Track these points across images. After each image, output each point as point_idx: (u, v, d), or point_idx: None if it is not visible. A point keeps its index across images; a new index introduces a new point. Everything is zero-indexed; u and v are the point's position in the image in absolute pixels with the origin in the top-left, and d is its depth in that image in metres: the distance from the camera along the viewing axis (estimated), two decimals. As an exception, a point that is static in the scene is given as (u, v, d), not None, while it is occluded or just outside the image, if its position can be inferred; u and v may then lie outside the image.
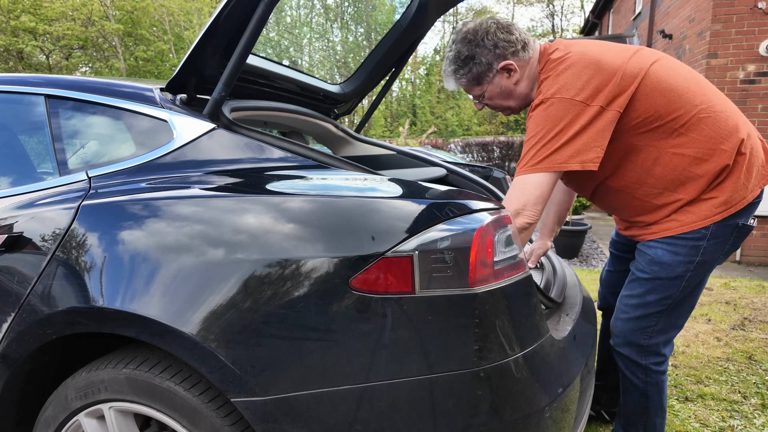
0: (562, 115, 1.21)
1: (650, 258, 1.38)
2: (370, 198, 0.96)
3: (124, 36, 19.21)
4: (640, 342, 1.43)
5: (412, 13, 1.80)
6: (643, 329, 1.42)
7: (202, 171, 1.14)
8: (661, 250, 1.36)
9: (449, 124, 28.26)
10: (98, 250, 1.04)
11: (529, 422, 0.95)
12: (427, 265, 0.90)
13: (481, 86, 1.40)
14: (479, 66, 1.35)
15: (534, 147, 1.23)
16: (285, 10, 6.98)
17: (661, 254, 1.36)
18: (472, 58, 1.35)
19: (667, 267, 1.35)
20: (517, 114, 1.51)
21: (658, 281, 1.37)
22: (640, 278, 1.41)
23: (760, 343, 2.80)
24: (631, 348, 1.45)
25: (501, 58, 1.34)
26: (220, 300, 0.93)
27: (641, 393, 1.48)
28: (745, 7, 4.84)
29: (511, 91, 1.39)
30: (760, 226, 4.82)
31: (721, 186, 1.30)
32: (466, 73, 1.38)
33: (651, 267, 1.38)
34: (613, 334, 1.49)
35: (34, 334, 1.08)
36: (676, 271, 1.35)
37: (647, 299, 1.40)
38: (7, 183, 1.30)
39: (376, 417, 0.91)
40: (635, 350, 1.45)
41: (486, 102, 1.45)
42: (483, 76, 1.37)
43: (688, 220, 1.32)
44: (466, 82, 1.40)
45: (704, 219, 1.31)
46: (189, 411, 0.99)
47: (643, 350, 1.44)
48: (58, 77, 1.35)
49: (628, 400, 1.53)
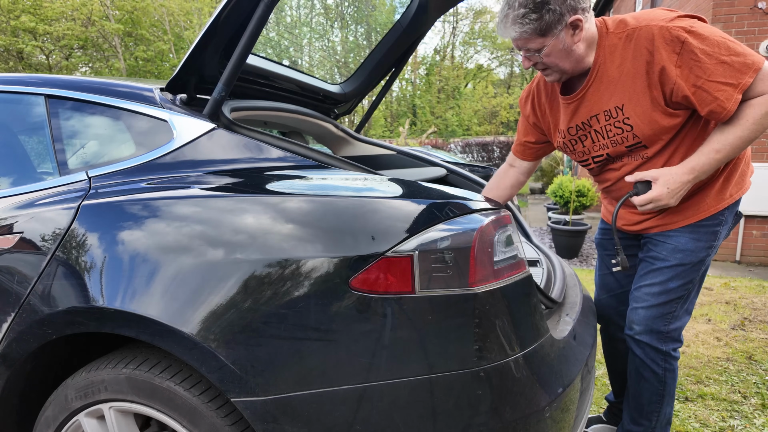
0: (722, 34, 1.19)
1: (673, 246, 1.41)
2: (370, 198, 0.96)
3: (124, 36, 19.21)
4: (660, 329, 1.46)
5: (412, 13, 1.80)
6: (664, 315, 1.45)
7: (202, 171, 1.14)
8: (684, 238, 1.40)
9: (449, 124, 28.26)
10: (98, 250, 1.04)
11: (529, 422, 0.95)
12: (427, 265, 0.90)
13: (544, 38, 1.27)
14: (551, 14, 1.23)
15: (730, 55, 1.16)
16: (285, 10, 6.94)
17: (685, 242, 1.40)
18: (547, 3, 1.22)
19: (690, 254, 1.40)
20: (559, 81, 1.39)
21: (680, 267, 1.41)
22: (662, 267, 1.44)
23: (760, 343, 2.79)
24: (651, 335, 1.48)
25: (573, 11, 1.24)
26: (221, 300, 0.93)
27: (660, 380, 1.51)
28: (745, 7, 4.84)
29: (571, 50, 1.29)
30: (759, 226, 4.81)
31: (734, 168, 1.36)
32: (536, 20, 1.24)
33: (674, 255, 1.41)
34: (633, 323, 1.51)
35: (34, 334, 1.08)
36: (699, 257, 1.40)
37: (669, 286, 1.43)
38: (8, 183, 1.30)
39: (376, 417, 0.91)
40: (656, 337, 1.47)
41: (542, 59, 1.31)
42: (551, 27, 1.25)
43: (705, 206, 1.37)
44: (531, 31, 1.26)
45: (721, 202, 1.37)
46: (189, 411, 0.99)
47: (664, 336, 1.47)
48: (58, 77, 1.35)
49: (643, 391, 1.54)
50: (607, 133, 1.39)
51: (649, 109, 1.28)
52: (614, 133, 1.37)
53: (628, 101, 1.31)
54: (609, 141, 1.40)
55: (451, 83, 31.19)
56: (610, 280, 1.73)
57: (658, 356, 1.49)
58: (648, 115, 1.29)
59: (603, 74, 1.33)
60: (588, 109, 1.39)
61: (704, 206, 1.37)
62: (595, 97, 1.36)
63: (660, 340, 1.48)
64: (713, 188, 1.37)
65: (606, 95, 1.34)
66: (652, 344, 1.48)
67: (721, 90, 1.18)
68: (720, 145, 1.23)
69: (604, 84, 1.34)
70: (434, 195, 1.00)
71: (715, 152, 1.24)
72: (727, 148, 1.22)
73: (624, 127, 1.34)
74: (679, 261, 1.41)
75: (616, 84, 1.31)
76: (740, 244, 4.88)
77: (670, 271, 1.43)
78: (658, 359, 1.49)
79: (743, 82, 1.16)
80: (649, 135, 1.32)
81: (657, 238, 1.46)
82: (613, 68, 1.31)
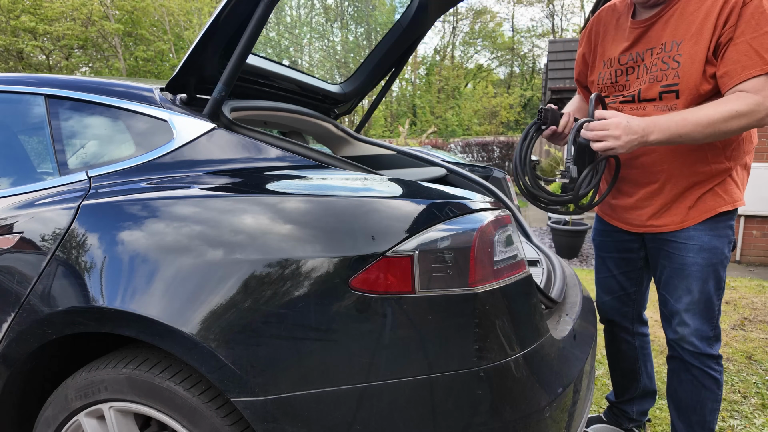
0: None
1: (698, 246, 1.38)
2: (370, 198, 0.96)
3: (124, 36, 19.20)
4: (709, 334, 1.43)
5: (412, 13, 1.80)
6: (710, 319, 1.42)
7: (202, 171, 1.14)
8: (707, 236, 1.37)
9: (449, 124, 28.25)
10: (98, 250, 1.04)
11: (529, 422, 0.95)
12: (427, 265, 0.90)
13: None
14: None
15: None
16: (285, 10, 6.95)
17: (708, 240, 1.37)
18: None
19: (716, 251, 1.37)
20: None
21: (711, 267, 1.38)
22: (694, 272, 1.39)
23: (760, 343, 2.80)
24: (703, 342, 1.44)
25: None
26: (221, 300, 0.93)
27: (719, 385, 1.47)
28: (745, 7, 4.84)
29: None
30: (759, 226, 4.82)
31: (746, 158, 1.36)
32: None
33: (701, 255, 1.38)
34: (685, 338, 1.45)
35: (34, 334, 1.08)
36: (724, 253, 1.38)
37: (707, 287, 1.39)
38: (7, 183, 1.30)
39: (376, 417, 0.91)
40: (707, 343, 1.44)
41: None
42: None
43: (721, 199, 1.35)
44: None
45: (735, 196, 1.36)
46: (189, 411, 0.99)
47: (713, 340, 1.45)
48: (58, 77, 1.35)
49: (706, 401, 1.49)
50: (651, 67, 1.34)
51: (703, 53, 1.23)
52: (658, 68, 1.32)
53: (689, 39, 1.26)
54: (648, 76, 1.35)
55: (451, 83, 31.18)
56: (611, 282, 1.70)
57: (712, 361, 1.45)
58: (700, 58, 1.24)
59: (685, 6, 1.28)
60: (655, 37, 1.34)
61: (720, 199, 1.35)
62: (664, 29, 1.32)
63: (711, 345, 1.44)
64: (712, 185, 1.35)
65: (673, 28, 1.30)
66: (706, 352, 1.44)
67: (751, 57, 1.16)
68: (691, 116, 1.20)
69: (677, 16, 1.29)
70: (434, 195, 1.00)
71: (682, 119, 1.20)
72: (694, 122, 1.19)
73: (671, 63, 1.29)
74: (708, 260, 1.37)
75: (691, 20, 1.26)
76: (740, 244, 4.88)
77: (702, 273, 1.38)
78: (713, 364, 1.46)
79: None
80: (689, 81, 1.26)
81: (676, 239, 1.41)
82: (694, 2, 1.26)
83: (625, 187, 1.49)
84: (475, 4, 33.91)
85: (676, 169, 1.36)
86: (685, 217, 1.38)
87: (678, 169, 1.36)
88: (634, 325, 1.73)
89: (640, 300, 1.71)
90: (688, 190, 1.37)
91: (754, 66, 1.17)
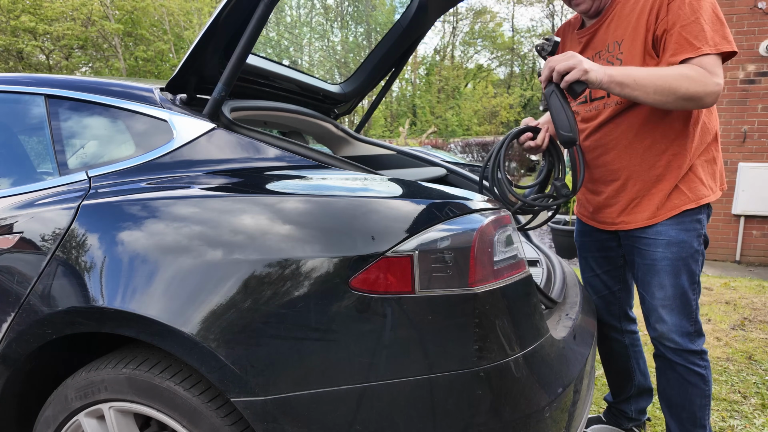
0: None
1: (666, 241, 1.41)
2: (370, 198, 0.96)
3: (124, 36, 19.21)
4: (689, 329, 1.45)
5: (412, 13, 1.80)
6: (688, 314, 1.44)
7: (202, 171, 1.14)
8: (674, 230, 1.40)
9: (449, 124, 28.25)
10: (98, 250, 1.04)
11: (529, 422, 0.95)
12: (427, 265, 0.90)
13: None
14: None
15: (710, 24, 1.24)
16: (285, 10, 6.92)
17: (675, 234, 1.40)
18: None
19: (684, 245, 1.40)
20: (588, 11, 1.44)
21: (681, 261, 1.41)
22: (664, 266, 1.42)
23: (760, 343, 2.80)
24: (684, 338, 1.45)
25: None
26: (221, 300, 0.93)
27: (705, 381, 1.48)
28: (745, 7, 4.84)
29: None
30: (759, 226, 4.82)
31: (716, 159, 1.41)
32: None
33: (670, 249, 1.41)
34: (665, 334, 1.47)
35: (34, 334, 1.08)
36: (693, 246, 1.41)
37: (680, 282, 1.42)
38: (7, 183, 1.30)
39: (376, 417, 0.91)
40: (688, 339, 1.45)
41: None
42: None
43: (686, 197, 1.39)
44: None
45: (700, 193, 1.40)
46: (189, 411, 0.99)
47: (694, 335, 1.46)
48: (57, 77, 1.35)
49: (693, 398, 1.50)
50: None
51: (641, 47, 1.33)
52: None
53: (627, 37, 1.36)
54: None
55: (451, 83, 31.19)
56: (596, 282, 1.74)
57: (696, 357, 1.47)
58: (639, 52, 1.34)
59: (621, 10, 1.38)
60: (600, 41, 1.45)
61: (683, 199, 1.39)
62: (606, 33, 1.42)
63: (692, 341, 1.45)
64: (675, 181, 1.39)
65: (613, 30, 1.40)
66: (688, 348, 1.46)
67: (681, 45, 1.26)
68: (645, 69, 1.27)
69: (616, 20, 1.39)
70: (434, 195, 1.00)
71: (636, 68, 1.27)
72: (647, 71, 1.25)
73: (614, 62, 1.39)
74: (677, 254, 1.40)
75: (627, 21, 1.36)
76: (740, 244, 4.88)
77: (673, 267, 1.41)
78: (697, 360, 1.47)
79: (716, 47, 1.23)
80: None
81: (644, 235, 1.44)
82: (629, 5, 1.36)
83: (594, 186, 1.56)
84: (475, 4, 33.93)
85: (635, 164, 1.43)
86: (654, 214, 1.42)
87: (637, 164, 1.42)
88: (622, 323, 1.75)
89: (626, 298, 1.74)
90: (653, 185, 1.41)
91: (689, 50, 1.25)
